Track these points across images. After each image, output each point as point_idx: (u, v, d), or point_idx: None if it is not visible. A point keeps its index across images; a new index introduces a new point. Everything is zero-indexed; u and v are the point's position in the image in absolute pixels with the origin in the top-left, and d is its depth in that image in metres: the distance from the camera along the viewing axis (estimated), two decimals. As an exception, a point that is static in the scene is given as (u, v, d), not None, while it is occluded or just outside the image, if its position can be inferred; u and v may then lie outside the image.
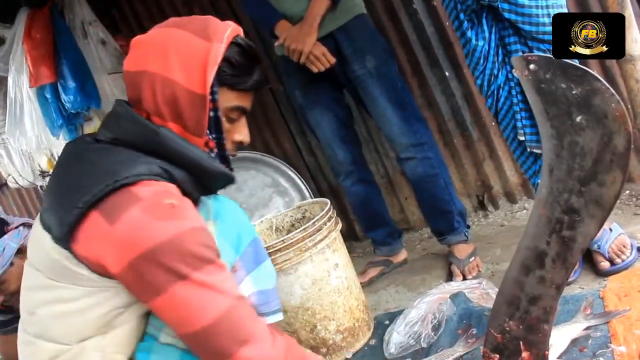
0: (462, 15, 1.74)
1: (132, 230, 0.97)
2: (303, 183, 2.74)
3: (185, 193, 1.09)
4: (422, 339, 1.66)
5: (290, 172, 2.75)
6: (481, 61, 1.77)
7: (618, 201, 1.17)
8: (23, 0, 2.87)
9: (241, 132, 1.23)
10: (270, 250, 1.70)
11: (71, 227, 1.00)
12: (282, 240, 1.71)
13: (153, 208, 0.99)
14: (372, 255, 2.55)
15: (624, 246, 1.74)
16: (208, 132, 1.14)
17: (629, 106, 1.74)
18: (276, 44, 2.13)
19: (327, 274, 1.78)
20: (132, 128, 1.11)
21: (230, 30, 1.15)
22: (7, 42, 2.89)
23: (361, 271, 2.41)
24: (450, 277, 2.17)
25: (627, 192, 2.24)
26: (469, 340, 1.56)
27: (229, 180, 1.21)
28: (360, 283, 2.01)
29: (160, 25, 1.17)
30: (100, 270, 1.01)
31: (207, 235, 1.04)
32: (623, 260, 1.72)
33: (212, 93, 1.11)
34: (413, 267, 2.44)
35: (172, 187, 1.06)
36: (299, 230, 1.74)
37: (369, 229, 2.50)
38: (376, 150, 2.82)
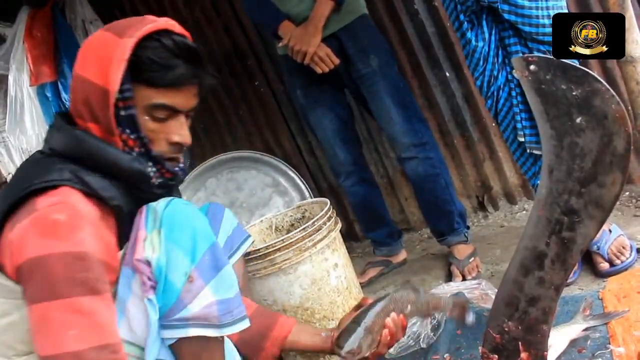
0: (462, 16, 1.75)
1: (18, 240, 0.98)
2: (303, 183, 2.73)
3: (103, 198, 1.07)
4: (421, 340, 1.66)
5: (290, 172, 2.75)
6: (481, 62, 1.77)
7: (617, 202, 1.17)
8: (24, -1, 2.88)
9: (177, 133, 1.15)
10: (270, 250, 1.70)
11: None
12: (282, 240, 1.71)
13: (39, 222, 0.98)
14: (371, 255, 2.55)
15: (623, 247, 1.74)
16: (125, 130, 1.10)
17: (629, 107, 1.73)
18: (280, 44, 2.13)
19: (326, 274, 1.78)
20: (59, 136, 1.12)
21: (150, 26, 1.11)
22: (8, 40, 2.90)
23: (361, 271, 2.41)
24: (449, 277, 2.18)
25: (627, 193, 2.24)
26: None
27: (166, 183, 1.17)
28: (360, 283, 2.01)
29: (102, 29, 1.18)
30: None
31: (79, 266, 0.98)
32: (622, 262, 1.72)
33: (124, 90, 1.08)
34: (413, 267, 2.44)
35: (76, 198, 1.03)
36: (298, 230, 1.74)
37: (368, 229, 2.50)
38: (376, 150, 2.82)
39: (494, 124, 2.48)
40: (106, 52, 1.08)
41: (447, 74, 2.54)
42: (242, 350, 1.33)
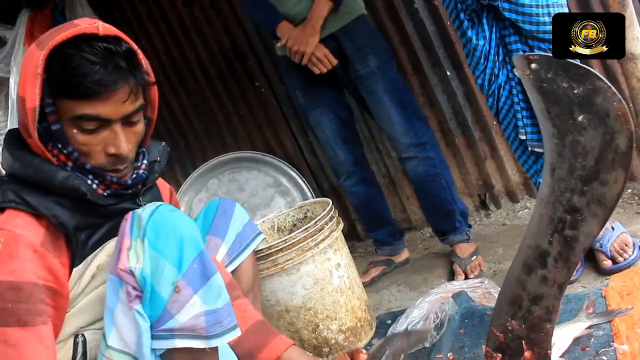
0: (462, 15, 1.74)
1: None
2: (305, 183, 2.74)
3: (46, 217, 1.05)
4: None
5: (292, 172, 2.75)
6: (482, 61, 1.77)
7: (620, 200, 1.17)
8: (24, 1, 2.88)
9: (112, 144, 1.10)
10: (272, 250, 1.70)
11: None
12: (284, 240, 1.71)
13: None
14: (374, 254, 2.55)
15: (626, 245, 1.74)
16: (57, 145, 1.08)
17: (631, 105, 1.73)
18: (278, 44, 2.13)
19: (329, 274, 1.78)
20: (4, 155, 1.12)
21: (65, 34, 1.04)
22: (8, 43, 2.89)
23: (363, 271, 2.41)
24: (452, 276, 2.17)
25: (630, 191, 2.24)
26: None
27: (118, 194, 1.15)
28: (362, 283, 2.02)
29: None
30: None
31: (8, 295, 0.97)
32: (625, 259, 1.72)
33: (46, 105, 1.05)
34: (415, 266, 2.44)
35: (20, 221, 1.03)
36: (300, 230, 1.74)
37: (370, 229, 2.50)
38: (378, 149, 2.82)
39: (495, 123, 2.48)
40: (26, 66, 1.06)
41: (448, 73, 2.54)
42: None
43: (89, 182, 1.11)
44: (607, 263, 1.74)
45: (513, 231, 2.38)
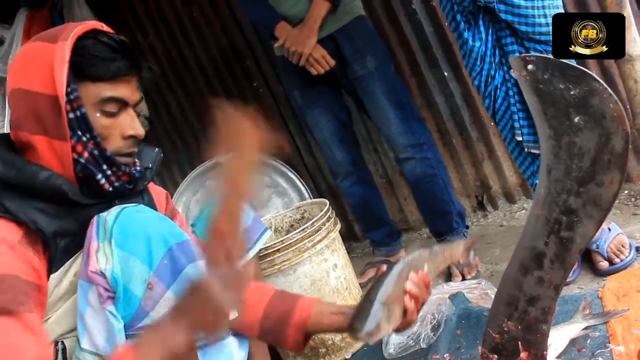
0: (458, 17, 1.75)
1: None
2: (302, 183, 2.73)
3: (24, 222, 1.04)
4: (421, 340, 1.66)
5: (289, 173, 2.75)
6: (478, 62, 1.77)
7: (616, 201, 1.17)
8: (22, 0, 2.88)
9: (130, 126, 1.15)
10: (269, 251, 1.70)
11: None
12: (281, 241, 1.71)
13: None
14: (371, 255, 2.55)
15: (622, 246, 1.74)
16: (77, 133, 1.09)
17: (628, 106, 1.74)
18: (276, 45, 2.13)
19: (326, 275, 1.78)
20: None
21: (80, 27, 1.10)
22: (6, 42, 2.89)
23: (360, 272, 2.41)
24: (449, 277, 2.17)
25: (626, 192, 2.24)
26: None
27: (122, 188, 1.15)
28: (360, 283, 2.02)
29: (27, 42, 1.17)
30: None
31: None
32: (622, 260, 1.72)
33: (70, 92, 1.07)
34: (412, 267, 2.44)
35: None
36: (297, 230, 1.74)
37: (368, 230, 2.50)
38: (375, 150, 2.82)
39: (492, 123, 2.48)
40: (44, 60, 1.07)
41: (446, 74, 2.54)
42: (266, 339, 1.29)
43: (100, 175, 1.12)
44: (604, 264, 1.74)
45: (510, 232, 2.38)
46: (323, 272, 1.78)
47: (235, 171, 0.91)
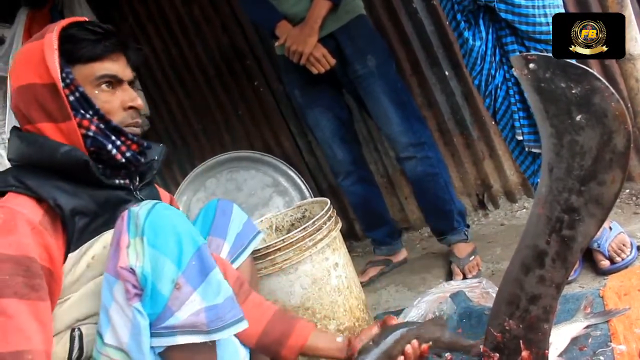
0: (459, 16, 1.75)
1: None
2: (303, 182, 2.73)
3: (45, 199, 1.09)
4: (422, 338, 1.66)
5: (290, 172, 2.75)
6: (478, 61, 1.77)
7: (618, 200, 1.17)
8: (23, 0, 2.87)
9: (129, 97, 1.23)
10: (270, 250, 1.70)
11: None
12: (282, 240, 1.71)
13: None
14: (372, 254, 2.55)
15: (623, 245, 1.74)
16: (80, 112, 1.16)
17: (629, 105, 1.74)
18: (276, 44, 2.13)
19: (327, 274, 1.78)
20: (12, 144, 1.20)
21: (64, 21, 1.21)
22: (7, 41, 2.89)
23: (361, 270, 2.41)
24: (450, 276, 2.18)
25: (627, 190, 2.24)
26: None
27: (135, 158, 1.22)
28: (360, 282, 2.01)
29: None
30: None
31: (8, 267, 0.99)
32: (623, 259, 1.72)
33: (66, 76, 1.15)
34: (413, 266, 2.44)
35: (19, 201, 1.08)
36: (298, 229, 1.74)
37: (368, 229, 2.50)
38: (376, 149, 2.82)
39: (493, 122, 2.48)
40: (36, 53, 1.15)
41: (447, 73, 2.54)
42: (260, 352, 1.33)
43: (110, 146, 1.18)
44: (605, 263, 1.74)
45: (511, 231, 2.38)
46: (324, 271, 1.78)
47: None
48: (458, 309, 1.72)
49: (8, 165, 1.24)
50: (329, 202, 1.91)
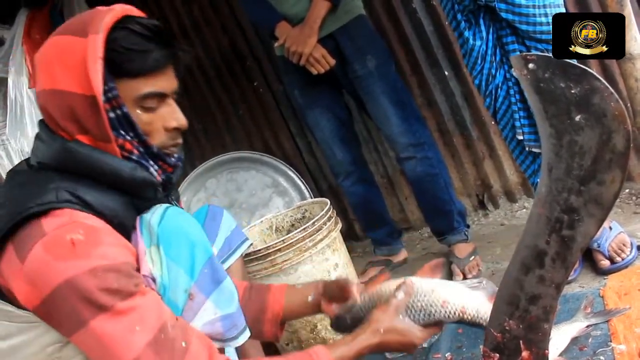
0: (459, 16, 1.75)
1: (36, 271, 0.93)
2: (303, 183, 2.74)
3: (106, 217, 1.01)
4: (422, 339, 1.66)
5: (290, 172, 2.75)
6: (479, 61, 1.77)
7: (618, 200, 1.17)
8: (22, 1, 2.87)
9: (172, 118, 1.09)
10: (270, 250, 1.70)
11: None
12: (282, 240, 1.72)
13: (53, 245, 0.93)
14: (372, 255, 2.55)
15: (623, 244, 1.74)
16: (121, 133, 1.04)
17: (629, 105, 1.74)
18: (276, 44, 2.13)
19: (327, 274, 1.78)
20: (47, 149, 1.05)
21: (110, 16, 1.02)
22: (6, 43, 2.89)
23: (361, 271, 2.41)
24: (450, 276, 2.17)
25: (627, 190, 2.24)
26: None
27: (169, 179, 1.13)
28: (361, 283, 2.01)
29: (51, 35, 1.08)
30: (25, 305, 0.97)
31: (111, 277, 0.93)
32: (623, 259, 1.72)
33: (109, 90, 1.01)
34: (413, 266, 2.44)
35: (82, 216, 0.98)
36: (298, 230, 1.74)
37: (369, 229, 2.50)
38: (376, 149, 2.82)
39: (493, 122, 2.48)
40: (76, 56, 1.00)
41: (446, 73, 2.54)
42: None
43: (151, 169, 1.08)
44: (605, 263, 1.74)
45: (511, 231, 2.38)
46: (324, 272, 1.78)
47: None
48: (458, 309, 1.71)
49: (8, 166, 1.19)
50: (328, 202, 1.91)
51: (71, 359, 1.03)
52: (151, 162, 1.08)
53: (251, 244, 1.59)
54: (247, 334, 1.14)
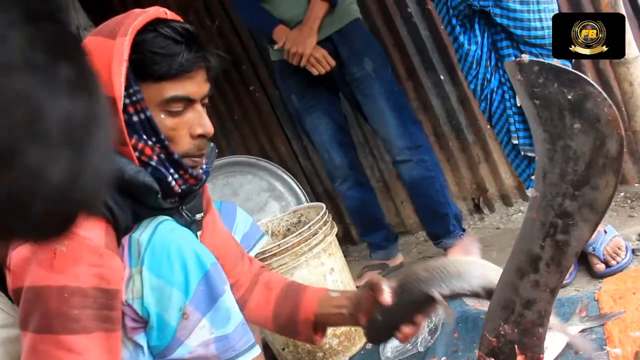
0: (454, 20, 1.75)
1: (17, 264, 0.94)
2: (299, 187, 2.73)
3: (109, 220, 0.98)
4: (418, 343, 1.66)
5: (286, 177, 2.75)
6: (474, 66, 1.77)
7: (613, 203, 1.17)
8: (18, 5, 2.87)
9: (198, 124, 1.06)
10: (266, 255, 1.70)
11: None
12: (278, 245, 1.71)
13: (38, 248, 0.92)
14: (368, 259, 2.55)
15: (618, 248, 1.74)
16: (142, 137, 1.02)
17: (623, 108, 1.74)
18: (275, 47, 2.13)
19: (323, 279, 1.78)
20: None
21: (140, 19, 1.01)
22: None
23: (357, 275, 2.41)
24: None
25: (622, 194, 2.25)
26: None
27: (190, 190, 1.09)
28: (357, 287, 2.01)
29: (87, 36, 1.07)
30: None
31: (75, 301, 0.91)
32: (618, 262, 1.72)
33: (132, 93, 1.00)
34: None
35: (86, 225, 0.95)
36: (294, 234, 1.74)
37: (365, 233, 2.50)
38: (372, 154, 2.82)
39: (488, 126, 2.49)
40: (103, 58, 0.98)
41: (442, 77, 2.55)
42: (284, 334, 1.34)
43: (170, 177, 1.05)
44: (600, 266, 1.74)
45: (507, 235, 2.38)
46: (320, 276, 1.77)
47: None
48: (454, 314, 1.72)
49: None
50: (324, 207, 1.91)
51: None
52: (171, 170, 1.05)
53: (268, 239, 1.58)
54: (253, 352, 1.09)
